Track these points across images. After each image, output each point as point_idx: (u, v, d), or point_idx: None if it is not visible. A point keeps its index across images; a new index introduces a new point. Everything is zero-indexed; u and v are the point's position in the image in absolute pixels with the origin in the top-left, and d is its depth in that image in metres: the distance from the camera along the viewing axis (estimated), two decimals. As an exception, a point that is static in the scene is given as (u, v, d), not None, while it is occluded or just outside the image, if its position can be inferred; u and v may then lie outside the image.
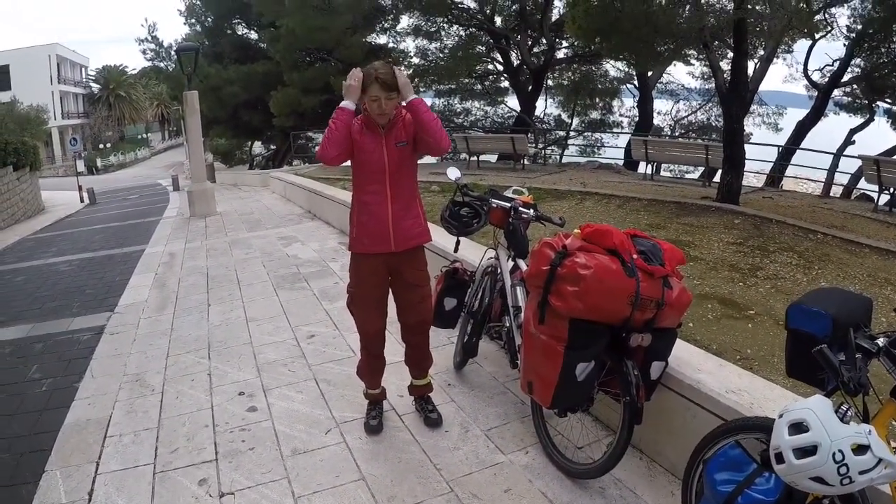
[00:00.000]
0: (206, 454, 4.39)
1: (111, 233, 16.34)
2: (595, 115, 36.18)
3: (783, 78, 29.05)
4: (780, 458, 2.23)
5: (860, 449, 2.11)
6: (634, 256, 3.36)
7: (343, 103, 4.06)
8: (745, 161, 15.54)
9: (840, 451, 2.10)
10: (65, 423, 5.02)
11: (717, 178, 17.83)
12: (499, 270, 4.89)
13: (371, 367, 4.59)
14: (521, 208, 4.70)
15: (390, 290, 4.45)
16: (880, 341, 2.40)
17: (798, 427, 2.20)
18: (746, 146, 16.09)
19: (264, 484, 4.00)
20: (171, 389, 5.51)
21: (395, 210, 4.14)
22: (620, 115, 36.32)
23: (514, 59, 33.68)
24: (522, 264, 4.55)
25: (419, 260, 4.40)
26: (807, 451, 2.15)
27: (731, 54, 16.12)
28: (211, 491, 3.96)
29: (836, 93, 25.31)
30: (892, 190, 16.44)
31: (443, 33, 34.03)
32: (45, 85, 64.46)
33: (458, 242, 5.28)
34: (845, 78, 24.18)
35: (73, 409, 5.29)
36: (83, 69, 79.29)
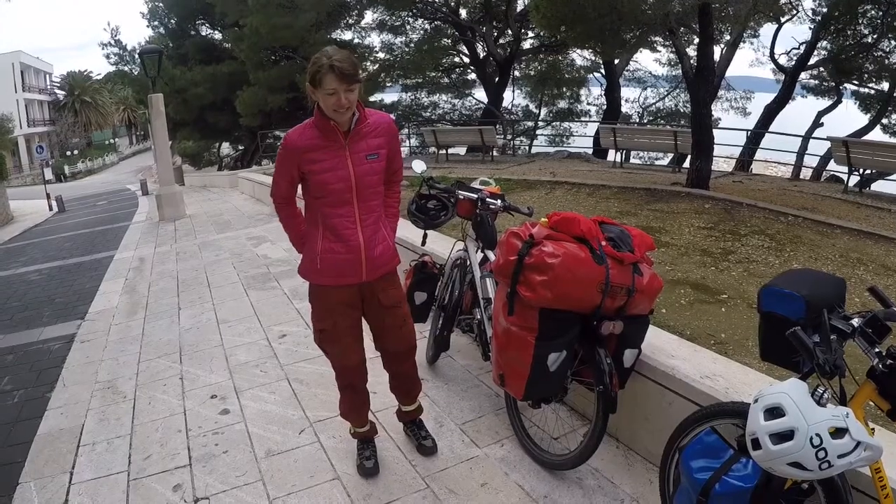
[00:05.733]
0: (179, 459, 4.34)
1: (81, 240, 16.17)
2: (563, 104, 36.28)
3: (750, 62, 29.28)
4: (756, 444, 2.19)
5: (838, 432, 2.08)
6: (603, 243, 3.33)
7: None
8: (714, 146, 15.65)
9: (818, 435, 2.06)
10: (37, 434, 4.96)
11: (686, 164, 17.93)
12: (468, 262, 4.85)
13: (355, 404, 4.01)
14: (488, 199, 4.66)
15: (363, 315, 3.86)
16: (855, 322, 2.37)
17: (774, 412, 2.17)
18: (715, 131, 16.22)
19: (239, 487, 3.95)
20: (144, 395, 5.44)
21: (366, 236, 3.51)
22: (588, 104, 36.58)
23: (481, 51, 33.73)
24: (491, 255, 4.52)
25: (392, 278, 3.80)
26: (784, 436, 2.11)
27: (696, 40, 16.17)
28: (185, 496, 3.91)
29: (804, 76, 25.45)
30: (861, 171, 16.56)
31: (408, 27, 34.11)
32: (9, 93, 63.59)
33: (425, 235, 5.22)
34: (812, 61, 24.32)
35: (45, 419, 5.23)
36: (48, 76, 78.47)
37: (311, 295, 3.77)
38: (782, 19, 23.13)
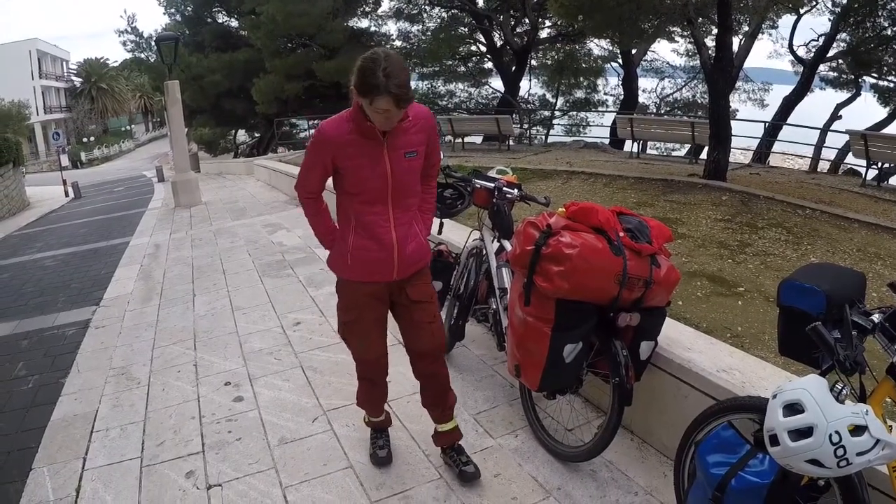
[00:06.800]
0: (192, 446, 4.35)
1: (96, 226, 16.23)
2: (580, 94, 36.25)
3: (768, 54, 29.12)
4: (774, 441, 2.17)
5: (857, 430, 2.05)
6: (621, 234, 3.30)
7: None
8: (732, 137, 15.54)
9: (837, 432, 2.03)
10: (51, 420, 4.98)
11: (703, 155, 17.86)
12: (484, 252, 4.82)
13: (372, 395, 3.93)
14: (505, 188, 4.63)
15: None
16: (875, 317, 2.34)
17: (793, 408, 2.14)
18: (733, 123, 16.09)
19: (251, 474, 3.95)
20: (157, 382, 5.46)
21: (400, 235, 3.35)
22: (605, 94, 36.53)
23: (497, 39, 33.69)
24: (508, 245, 4.49)
25: (423, 274, 3.64)
26: (802, 433, 2.09)
27: (715, 30, 16.08)
28: (198, 483, 3.91)
29: (822, 68, 25.36)
30: (879, 164, 16.44)
31: (424, 15, 34.13)
32: (26, 80, 63.80)
33: (441, 224, 5.20)
34: (831, 53, 24.23)
35: (59, 404, 5.25)
36: (64, 63, 78.66)
37: (339, 287, 3.62)
38: (801, 11, 22.91)
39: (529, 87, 36.92)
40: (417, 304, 3.58)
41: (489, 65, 36.04)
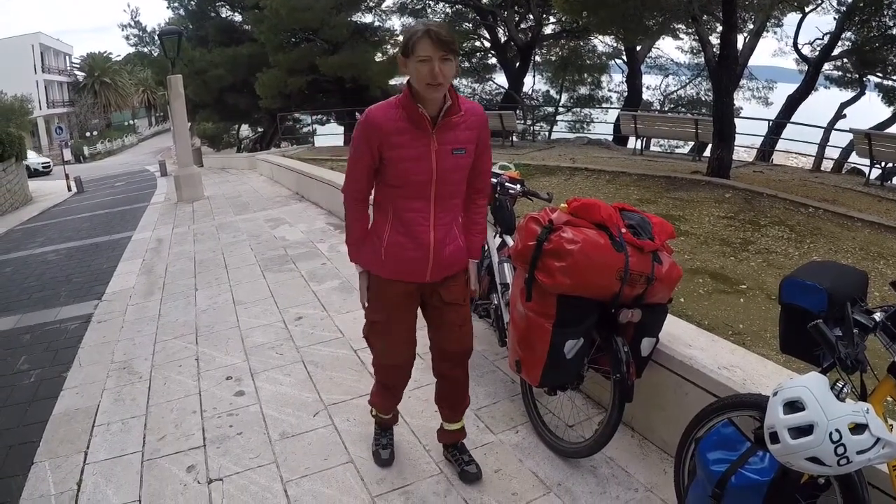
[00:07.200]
0: (193, 440, 4.34)
1: (99, 220, 16.18)
2: (584, 90, 36.27)
3: (773, 52, 29.14)
4: (774, 438, 2.17)
5: (858, 428, 2.05)
6: (623, 230, 3.29)
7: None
8: (736, 135, 15.53)
9: (837, 430, 2.03)
10: (53, 414, 4.97)
11: (707, 153, 17.84)
12: (486, 247, 4.82)
13: (386, 399, 3.85)
14: (507, 184, 4.63)
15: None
16: (877, 316, 2.33)
17: (793, 406, 2.14)
18: (736, 120, 16.08)
19: (252, 469, 3.95)
20: (159, 376, 5.45)
21: (438, 236, 3.21)
22: (609, 91, 36.56)
23: (502, 35, 33.68)
24: (509, 240, 4.50)
25: (458, 277, 3.47)
26: (802, 431, 2.08)
27: (720, 28, 16.05)
28: (199, 477, 3.91)
29: (827, 67, 25.29)
30: (883, 164, 16.42)
31: (429, 10, 34.10)
32: (29, 74, 63.60)
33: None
34: (836, 52, 24.15)
35: (61, 399, 5.23)
36: (67, 57, 78.60)
37: (370, 286, 3.44)
38: (806, 9, 22.87)
39: (533, 83, 37.05)
40: (450, 305, 3.46)
41: (493, 60, 36.07)
